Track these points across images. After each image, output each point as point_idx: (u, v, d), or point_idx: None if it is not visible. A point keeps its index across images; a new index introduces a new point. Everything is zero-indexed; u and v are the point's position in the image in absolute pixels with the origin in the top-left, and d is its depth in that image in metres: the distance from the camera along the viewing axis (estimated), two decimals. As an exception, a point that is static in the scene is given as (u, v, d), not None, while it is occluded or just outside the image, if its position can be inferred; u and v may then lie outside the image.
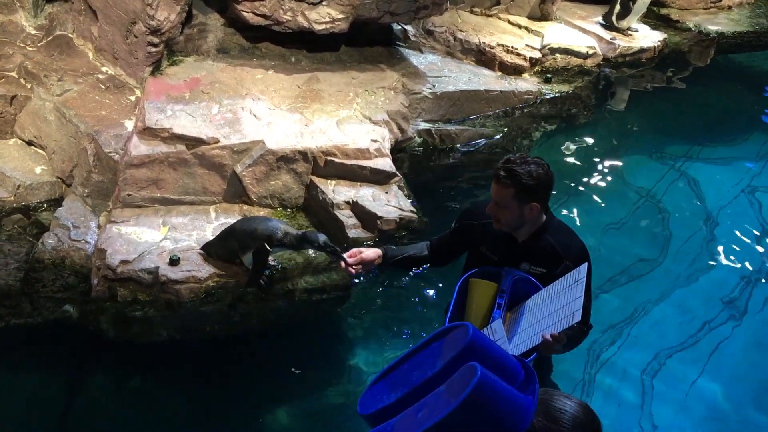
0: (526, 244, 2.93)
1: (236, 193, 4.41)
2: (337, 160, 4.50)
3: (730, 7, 8.45)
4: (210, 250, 3.97)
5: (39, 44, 5.12)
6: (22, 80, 4.87)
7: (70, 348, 3.81)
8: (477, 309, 2.91)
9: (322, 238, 3.68)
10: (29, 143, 4.77)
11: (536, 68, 6.44)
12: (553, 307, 2.72)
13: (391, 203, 4.41)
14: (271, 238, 3.74)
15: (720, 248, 4.88)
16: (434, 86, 5.61)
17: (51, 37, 5.17)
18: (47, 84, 4.77)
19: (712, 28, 7.91)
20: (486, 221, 2.98)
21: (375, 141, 4.66)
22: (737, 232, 5.08)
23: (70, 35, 5.22)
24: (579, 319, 2.56)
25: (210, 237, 4.08)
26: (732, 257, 4.85)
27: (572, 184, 5.38)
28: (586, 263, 2.76)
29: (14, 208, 4.37)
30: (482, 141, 5.60)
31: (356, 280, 4.09)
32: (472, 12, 6.93)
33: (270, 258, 3.87)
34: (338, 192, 4.45)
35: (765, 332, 4.28)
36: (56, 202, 4.44)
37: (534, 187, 2.80)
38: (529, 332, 2.76)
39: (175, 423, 3.53)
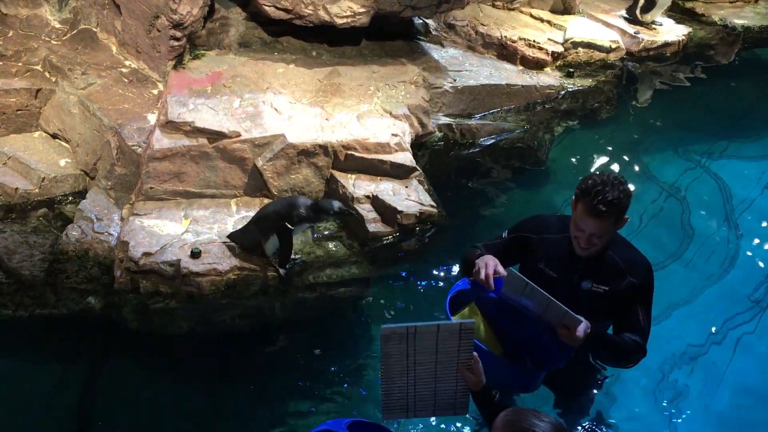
0: (588, 261, 2.76)
1: (257, 186, 4.43)
2: (357, 154, 4.51)
3: (756, 1, 8.32)
4: (236, 240, 4.02)
5: (63, 38, 5.17)
6: (46, 74, 4.93)
7: (93, 338, 3.85)
8: (482, 333, 2.75)
9: (336, 205, 3.67)
10: (53, 136, 4.83)
11: (558, 62, 6.40)
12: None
13: (411, 198, 4.41)
14: (291, 216, 3.74)
15: (744, 245, 4.81)
16: (455, 80, 5.59)
17: (75, 31, 5.23)
18: (71, 77, 4.82)
19: (738, 22, 7.80)
20: (546, 236, 2.83)
21: (395, 135, 4.65)
22: (763, 229, 5.00)
23: (94, 29, 5.27)
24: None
25: (231, 230, 4.11)
26: (757, 254, 4.78)
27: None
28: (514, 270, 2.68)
29: (39, 201, 4.45)
30: (503, 135, 5.57)
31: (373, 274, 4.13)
32: (494, 6, 6.89)
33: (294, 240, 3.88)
34: (358, 186, 4.45)
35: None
36: (80, 195, 4.50)
37: (628, 205, 2.67)
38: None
39: (196, 414, 3.56)
